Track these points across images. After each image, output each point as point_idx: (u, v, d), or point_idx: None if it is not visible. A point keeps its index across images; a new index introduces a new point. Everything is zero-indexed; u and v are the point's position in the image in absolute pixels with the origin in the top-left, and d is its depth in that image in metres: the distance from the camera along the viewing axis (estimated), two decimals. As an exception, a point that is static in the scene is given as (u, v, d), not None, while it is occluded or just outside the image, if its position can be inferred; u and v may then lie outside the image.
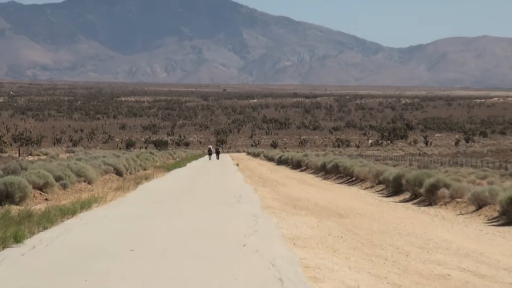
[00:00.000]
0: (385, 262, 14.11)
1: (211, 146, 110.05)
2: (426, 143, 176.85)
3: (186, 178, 45.24)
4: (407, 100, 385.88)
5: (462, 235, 18.82)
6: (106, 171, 41.17)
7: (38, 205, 23.90)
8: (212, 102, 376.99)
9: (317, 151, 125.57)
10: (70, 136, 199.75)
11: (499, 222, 21.30)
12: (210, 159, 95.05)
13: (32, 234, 16.29)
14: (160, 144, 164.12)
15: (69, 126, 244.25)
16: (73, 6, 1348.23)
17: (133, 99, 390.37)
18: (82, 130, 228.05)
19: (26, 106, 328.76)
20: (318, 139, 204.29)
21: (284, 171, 64.73)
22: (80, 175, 33.04)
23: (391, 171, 36.01)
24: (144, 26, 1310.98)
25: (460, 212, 24.69)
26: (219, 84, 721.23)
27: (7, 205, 22.39)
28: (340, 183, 45.10)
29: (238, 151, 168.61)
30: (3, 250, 14.16)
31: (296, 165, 70.37)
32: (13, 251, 13.98)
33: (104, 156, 56.58)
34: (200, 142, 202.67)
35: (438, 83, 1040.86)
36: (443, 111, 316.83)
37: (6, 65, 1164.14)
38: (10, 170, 34.25)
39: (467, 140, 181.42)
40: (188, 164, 74.48)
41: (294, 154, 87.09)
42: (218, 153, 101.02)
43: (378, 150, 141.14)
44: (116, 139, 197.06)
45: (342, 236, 17.73)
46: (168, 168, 59.13)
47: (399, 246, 16.42)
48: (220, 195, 29.64)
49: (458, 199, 26.27)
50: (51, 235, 16.40)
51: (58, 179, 29.38)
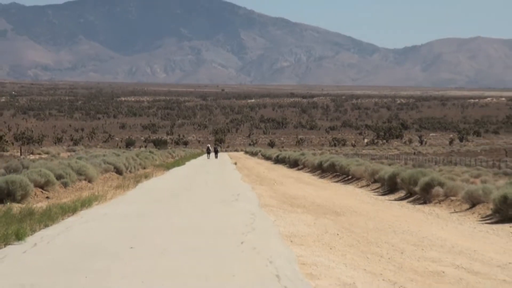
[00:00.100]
0: (380, 259, 14.15)
1: (209, 145, 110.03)
2: (421, 142, 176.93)
3: (185, 177, 45.18)
4: (402, 100, 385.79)
5: (456, 233, 18.88)
6: (106, 169, 41.21)
7: (39, 203, 23.95)
8: (211, 102, 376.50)
9: (313, 150, 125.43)
10: (71, 135, 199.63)
11: (492, 220, 21.37)
12: (208, 158, 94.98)
13: (33, 231, 16.34)
14: (159, 143, 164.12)
15: (70, 126, 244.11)
16: (74, 7, 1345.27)
17: (133, 99, 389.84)
18: (82, 130, 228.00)
19: (27, 106, 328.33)
20: (314, 139, 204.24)
21: (281, 170, 64.62)
22: (81, 174, 33.09)
23: (386, 170, 36.07)
24: (144, 27, 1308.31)
25: (454, 210, 24.73)
26: (217, 84, 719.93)
27: (8, 203, 22.46)
28: (337, 181, 45.08)
29: (236, 150, 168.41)
30: (5, 247, 14.22)
31: (293, 164, 70.39)
32: (15, 248, 14.04)
33: (104, 155, 56.49)
34: (198, 141, 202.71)
35: (432, 83, 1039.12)
36: (438, 111, 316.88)
37: (8, 65, 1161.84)
38: (12, 168, 34.39)
39: (461, 140, 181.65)
40: (187, 163, 74.29)
41: (291, 153, 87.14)
42: (216, 152, 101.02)
43: (374, 149, 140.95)
44: (116, 138, 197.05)
45: (338, 234, 17.76)
46: (167, 166, 59.01)
47: (394, 243, 16.46)
48: (218, 194, 29.67)
49: (452, 198, 26.33)
50: (52, 232, 16.47)
51: (59, 177, 29.45)
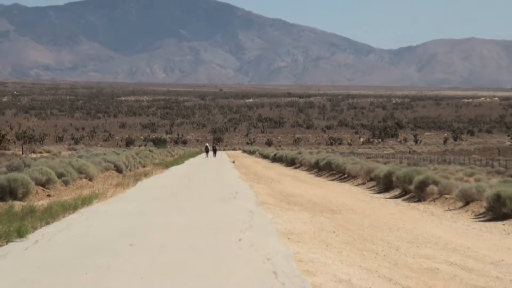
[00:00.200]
0: (376, 256, 14.22)
1: (208, 144, 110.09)
2: (416, 141, 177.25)
3: (184, 175, 45.14)
4: (398, 100, 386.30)
5: (450, 231, 18.98)
6: (107, 168, 41.29)
7: (40, 201, 24.02)
8: (209, 101, 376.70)
9: (310, 149, 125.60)
10: (72, 134, 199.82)
11: (485, 218, 21.53)
12: (207, 156, 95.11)
13: (35, 229, 16.38)
14: (158, 142, 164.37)
15: (70, 125, 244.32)
16: (75, 9, 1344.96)
17: (132, 99, 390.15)
18: (83, 129, 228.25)
19: (29, 105, 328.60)
20: (311, 138, 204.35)
21: (279, 168, 64.72)
22: (81, 172, 33.16)
23: (382, 169, 36.26)
24: (143, 28, 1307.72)
25: (448, 208, 24.87)
26: (216, 84, 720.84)
27: (10, 200, 22.55)
28: (333, 180, 45.18)
29: (234, 149, 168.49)
30: (7, 244, 14.24)
31: (290, 162, 70.55)
32: (16, 246, 14.06)
33: (104, 154, 56.56)
34: (197, 140, 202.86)
35: (427, 83, 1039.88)
36: (432, 111, 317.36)
37: (10, 65, 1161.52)
38: (13, 167, 34.43)
39: (455, 139, 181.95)
40: (186, 162, 74.27)
41: (288, 152, 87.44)
42: (215, 151, 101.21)
43: (370, 148, 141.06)
44: (116, 137, 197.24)
45: (334, 231, 17.81)
46: (166, 165, 59.02)
47: (390, 241, 16.54)
48: (216, 192, 29.70)
49: (447, 196, 26.49)
50: (53, 230, 16.49)
51: (60, 175, 29.52)
